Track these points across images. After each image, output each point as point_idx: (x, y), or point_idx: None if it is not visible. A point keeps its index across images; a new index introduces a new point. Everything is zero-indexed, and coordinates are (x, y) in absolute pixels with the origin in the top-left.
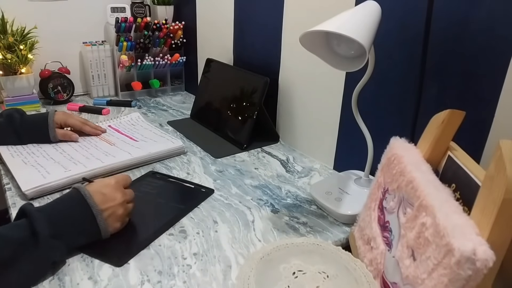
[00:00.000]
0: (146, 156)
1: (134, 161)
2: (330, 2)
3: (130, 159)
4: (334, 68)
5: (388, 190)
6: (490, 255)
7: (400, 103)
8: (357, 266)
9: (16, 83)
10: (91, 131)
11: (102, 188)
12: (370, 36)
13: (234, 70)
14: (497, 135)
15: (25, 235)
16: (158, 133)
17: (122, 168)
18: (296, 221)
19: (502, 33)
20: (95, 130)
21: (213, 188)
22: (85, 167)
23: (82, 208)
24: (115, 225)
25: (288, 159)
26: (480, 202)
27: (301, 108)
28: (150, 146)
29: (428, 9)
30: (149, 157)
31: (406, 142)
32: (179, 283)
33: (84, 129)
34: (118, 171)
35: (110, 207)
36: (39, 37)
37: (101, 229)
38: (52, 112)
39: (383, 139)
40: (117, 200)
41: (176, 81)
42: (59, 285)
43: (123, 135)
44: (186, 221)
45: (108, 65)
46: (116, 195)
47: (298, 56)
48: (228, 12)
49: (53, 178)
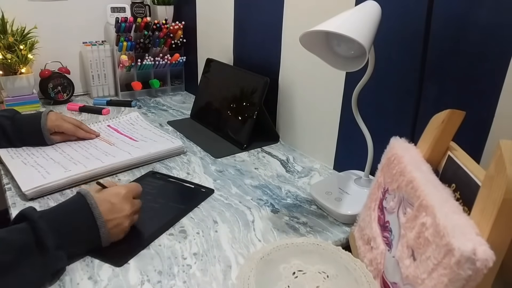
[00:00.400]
0: (146, 156)
1: (134, 161)
2: (330, 2)
3: (130, 159)
4: (334, 68)
5: (388, 190)
6: (490, 255)
7: (400, 103)
8: (357, 266)
9: (16, 83)
10: (85, 135)
11: (112, 197)
12: (370, 36)
13: (234, 70)
14: (497, 135)
15: (29, 242)
16: (157, 133)
17: (122, 168)
18: (296, 221)
19: (502, 33)
20: (89, 135)
21: (213, 188)
22: (85, 167)
23: (86, 217)
24: (118, 236)
25: (288, 159)
26: (480, 202)
27: (301, 108)
28: (150, 146)
29: (428, 9)
30: (149, 157)
31: (406, 142)
32: (179, 283)
33: (78, 134)
34: (118, 171)
35: (116, 218)
36: (39, 37)
37: (102, 240)
38: (45, 118)
39: (383, 139)
40: (124, 211)
41: (176, 81)
42: (59, 285)
43: (123, 135)
44: (186, 221)
45: (108, 65)
46: (124, 207)
47: (298, 56)
48: (228, 12)
49: (53, 178)
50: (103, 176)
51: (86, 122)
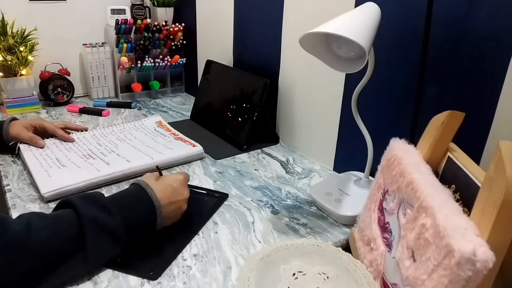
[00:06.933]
0: (166, 161)
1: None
2: (330, 4)
3: (150, 163)
4: (334, 69)
5: (388, 191)
6: (490, 256)
7: (400, 104)
8: (357, 267)
9: (16, 85)
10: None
11: (173, 182)
12: (370, 38)
13: (234, 72)
14: (497, 136)
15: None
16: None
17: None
18: (296, 222)
19: (502, 34)
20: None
21: (227, 193)
22: (105, 171)
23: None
24: (177, 218)
25: (288, 160)
26: (480, 203)
27: (301, 109)
28: (170, 151)
29: (427, 10)
30: (168, 162)
31: (406, 143)
32: (179, 284)
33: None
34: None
35: (178, 201)
36: (39, 39)
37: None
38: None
39: (383, 140)
40: (184, 195)
41: (176, 82)
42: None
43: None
44: None
45: (108, 66)
46: (184, 191)
47: (298, 57)
48: (228, 14)
49: (73, 181)
50: (120, 180)
51: (87, 123)
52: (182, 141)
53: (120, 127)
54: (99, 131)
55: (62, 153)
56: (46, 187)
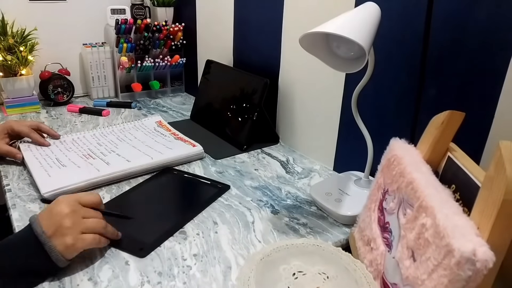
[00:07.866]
0: (166, 161)
1: (154, 165)
2: (330, 4)
3: (150, 163)
4: (334, 69)
5: (388, 191)
6: (490, 256)
7: (400, 104)
8: (357, 267)
9: (16, 85)
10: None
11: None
12: (370, 38)
13: (234, 72)
14: (497, 136)
15: None
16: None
17: (141, 172)
18: (296, 222)
19: (502, 34)
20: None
21: (229, 184)
22: (104, 171)
23: None
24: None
25: (288, 160)
26: (480, 203)
27: (301, 109)
28: (170, 151)
29: (427, 9)
30: (169, 162)
31: (406, 143)
32: (179, 284)
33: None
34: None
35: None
36: (39, 39)
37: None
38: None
39: (383, 140)
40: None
41: (176, 82)
42: (59, 286)
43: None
44: None
45: (108, 66)
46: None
47: (298, 57)
48: (228, 14)
49: (73, 181)
50: (120, 180)
51: (87, 123)
52: (182, 141)
53: (120, 127)
54: (99, 131)
55: (62, 153)
56: (46, 187)
